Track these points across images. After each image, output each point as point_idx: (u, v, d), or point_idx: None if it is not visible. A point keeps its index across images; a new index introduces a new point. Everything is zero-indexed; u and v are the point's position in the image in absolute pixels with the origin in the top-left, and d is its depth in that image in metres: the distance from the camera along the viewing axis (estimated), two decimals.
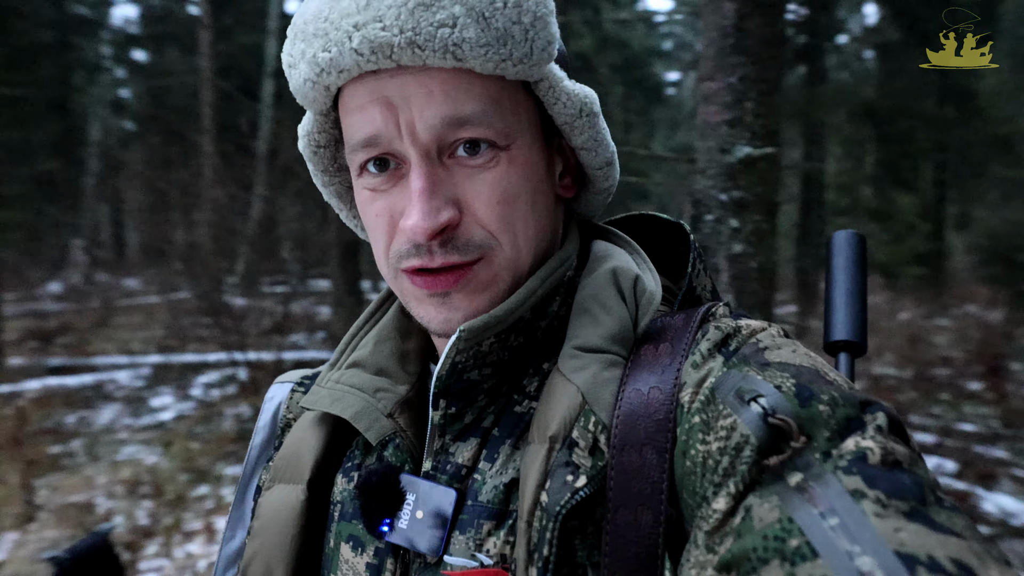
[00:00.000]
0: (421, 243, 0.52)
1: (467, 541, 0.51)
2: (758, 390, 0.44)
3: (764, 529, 0.38)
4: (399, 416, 0.60)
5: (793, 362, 0.47)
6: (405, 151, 0.52)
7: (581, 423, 0.49)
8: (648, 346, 0.53)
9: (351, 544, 0.58)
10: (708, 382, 0.48)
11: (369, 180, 0.55)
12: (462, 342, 0.52)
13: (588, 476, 0.47)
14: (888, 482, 0.38)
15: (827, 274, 0.70)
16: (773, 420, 0.42)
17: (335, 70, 0.51)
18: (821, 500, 0.38)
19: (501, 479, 0.52)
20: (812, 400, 0.43)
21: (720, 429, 0.44)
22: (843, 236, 0.71)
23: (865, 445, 0.40)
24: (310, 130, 0.60)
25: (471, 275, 0.54)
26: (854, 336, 0.67)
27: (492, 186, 0.53)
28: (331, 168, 0.63)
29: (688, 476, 0.45)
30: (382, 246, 0.56)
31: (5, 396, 6.30)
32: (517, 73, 0.52)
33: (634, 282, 0.57)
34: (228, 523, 0.69)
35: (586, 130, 0.59)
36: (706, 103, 2.36)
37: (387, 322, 0.66)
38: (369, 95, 0.52)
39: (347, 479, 0.61)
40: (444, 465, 0.56)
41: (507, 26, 0.49)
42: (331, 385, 0.63)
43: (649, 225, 0.69)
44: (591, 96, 0.58)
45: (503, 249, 0.54)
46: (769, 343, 0.50)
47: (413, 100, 0.51)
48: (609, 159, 0.63)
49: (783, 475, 0.40)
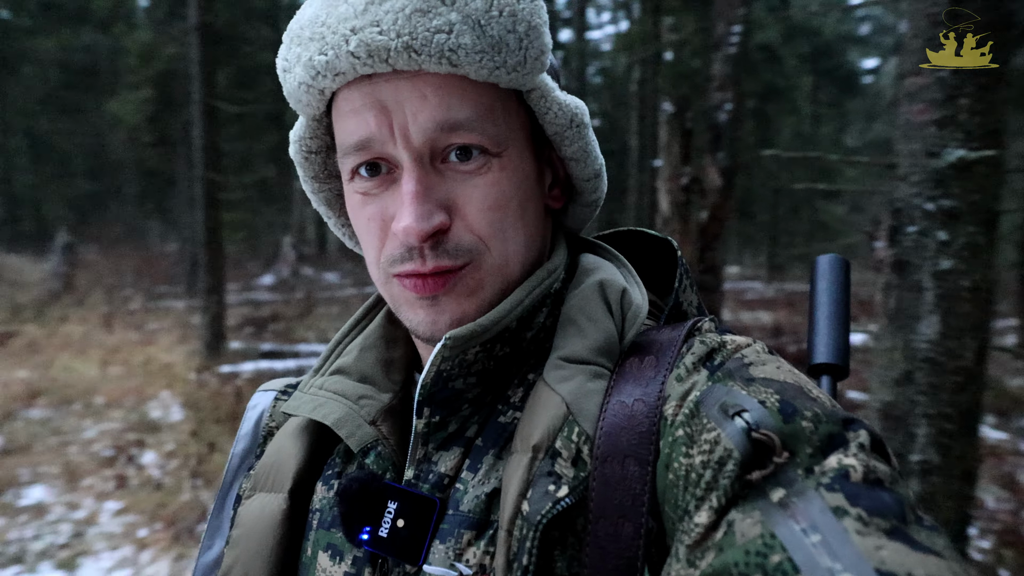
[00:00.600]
0: (413, 246, 0.52)
1: (447, 550, 0.51)
2: (742, 405, 0.45)
3: (746, 544, 0.38)
4: (382, 424, 0.59)
5: (777, 378, 0.47)
6: (397, 155, 0.53)
7: (564, 433, 0.49)
8: (633, 359, 0.53)
9: (329, 553, 0.57)
10: (692, 395, 0.48)
11: (360, 184, 0.55)
12: (447, 350, 0.52)
13: (570, 486, 0.47)
14: (870, 500, 0.38)
15: (810, 298, 0.72)
16: (756, 435, 0.42)
17: (331, 73, 0.51)
18: (803, 516, 0.38)
19: (483, 489, 0.52)
20: (795, 416, 0.43)
21: (704, 443, 0.44)
22: (827, 260, 0.73)
23: (848, 463, 0.40)
24: (302, 135, 0.61)
25: (458, 279, 0.54)
26: (836, 359, 0.67)
27: (483, 192, 0.53)
28: (321, 175, 0.63)
29: (670, 489, 0.45)
30: (374, 251, 0.56)
31: (226, 375, 7.25)
32: (510, 81, 0.53)
33: (621, 295, 0.57)
34: (206, 532, 0.69)
35: (576, 140, 0.59)
36: (910, 100, 2.12)
37: (372, 330, 0.66)
38: (363, 99, 0.52)
39: (327, 487, 0.60)
40: (426, 474, 0.55)
41: (502, 34, 0.50)
42: (314, 391, 0.62)
43: (637, 241, 0.69)
44: (581, 107, 0.59)
45: (491, 255, 0.54)
46: (754, 359, 0.50)
47: (407, 104, 0.51)
48: (597, 171, 0.63)
49: (766, 490, 0.41)
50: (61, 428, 5.82)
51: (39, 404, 6.47)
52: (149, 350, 8.71)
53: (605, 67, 26.31)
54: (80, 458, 5.13)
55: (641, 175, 13.41)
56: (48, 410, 6.30)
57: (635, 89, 15.05)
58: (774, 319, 10.73)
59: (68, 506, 4.39)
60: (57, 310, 11.48)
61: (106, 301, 11.93)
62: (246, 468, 0.68)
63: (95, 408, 6.42)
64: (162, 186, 22.24)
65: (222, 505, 0.68)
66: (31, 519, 4.21)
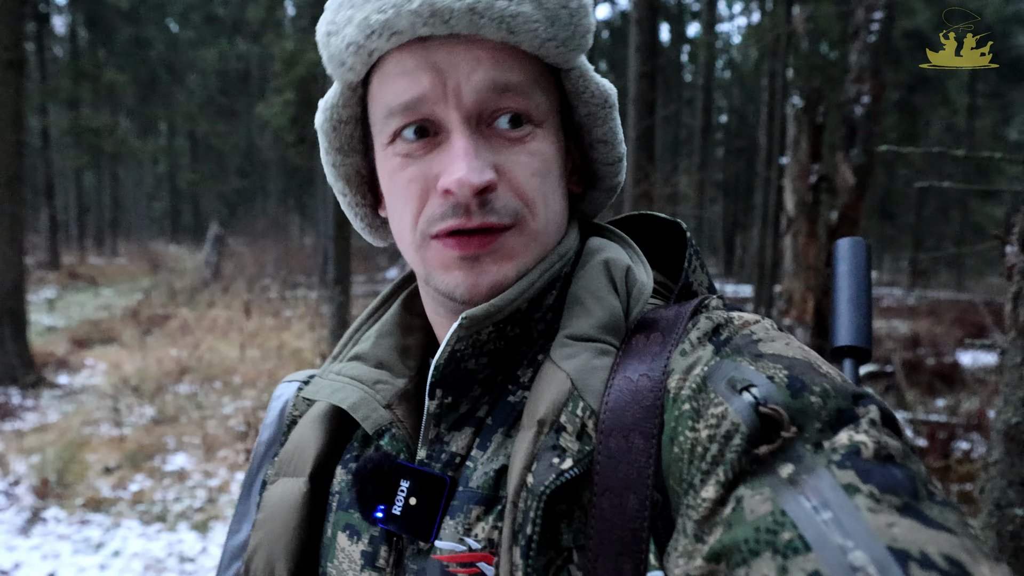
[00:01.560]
0: (462, 202, 0.52)
1: (456, 526, 0.52)
2: (750, 380, 0.44)
3: (756, 521, 0.38)
4: (397, 407, 0.60)
5: (786, 354, 0.47)
6: (447, 117, 0.53)
7: (569, 408, 0.49)
8: (639, 336, 0.53)
9: (347, 532, 0.59)
10: (698, 370, 0.47)
11: (403, 146, 0.55)
12: (463, 329, 0.53)
13: (574, 459, 0.47)
14: (881, 476, 0.37)
15: (832, 281, 0.72)
16: (764, 409, 0.42)
17: (388, 32, 0.51)
18: (814, 493, 0.37)
19: (492, 465, 0.53)
20: (804, 391, 0.43)
21: (710, 417, 0.44)
22: (847, 243, 0.73)
23: (859, 439, 0.39)
24: (334, 103, 0.60)
25: (501, 241, 0.54)
26: (859, 341, 0.67)
27: (528, 159, 0.54)
28: (346, 146, 0.62)
29: (675, 463, 0.45)
30: (411, 213, 0.56)
31: None
32: (557, 56, 0.55)
33: (625, 273, 0.57)
34: (234, 517, 0.71)
35: (608, 121, 0.61)
36: None
37: (389, 318, 0.67)
38: (416, 61, 0.52)
39: (346, 470, 0.62)
40: (438, 454, 0.56)
41: (557, 9, 0.53)
42: (332, 377, 0.64)
43: (648, 224, 0.69)
44: (613, 90, 0.61)
45: (535, 219, 0.55)
46: (763, 335, 0.50)
47: (462, 65, 0.52)
48: (620, 156, 0.64)
49: (774, 466, 0.40)
50: (203, 403, 6.42)
51: (186, 380, 7.17)
52: (283, 336, 9.40)
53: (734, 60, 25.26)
54: (217, 431, 5.63)
55: (768, 173, 12.78)
56: (194, 386, 6.98)
57: (765, 83, 14.35)
58: (912, 329, 9.87)
59: (205, 474, 4.84)
60: (206, 296, 12.65)
61: (248, 289, 12.99)
62: (271, 456, 0.71)
63: (233, 387, 7.02)
64: (302, 183, 23.88)
65: (249, 491, 0.71)
66: (173, 483, 4.69)
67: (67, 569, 3.52)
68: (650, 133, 7.31)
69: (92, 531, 3.97)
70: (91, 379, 7.35)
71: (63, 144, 19.67)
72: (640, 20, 7.09)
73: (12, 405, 6.24)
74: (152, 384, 6.85)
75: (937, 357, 7.64)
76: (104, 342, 9.15)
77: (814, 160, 6.12)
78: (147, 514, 4.22)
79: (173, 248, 25.74)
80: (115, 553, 3.71)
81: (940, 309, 12.16)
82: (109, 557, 3.67)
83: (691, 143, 22.09)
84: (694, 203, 16.79)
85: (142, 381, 6.91)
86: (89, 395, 6.68)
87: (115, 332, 9.63)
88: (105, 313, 11.34)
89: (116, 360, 8.03)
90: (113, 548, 3.77)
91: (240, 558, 0.69)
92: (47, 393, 6.75)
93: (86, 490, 4.54)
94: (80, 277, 15.74)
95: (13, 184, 6.82)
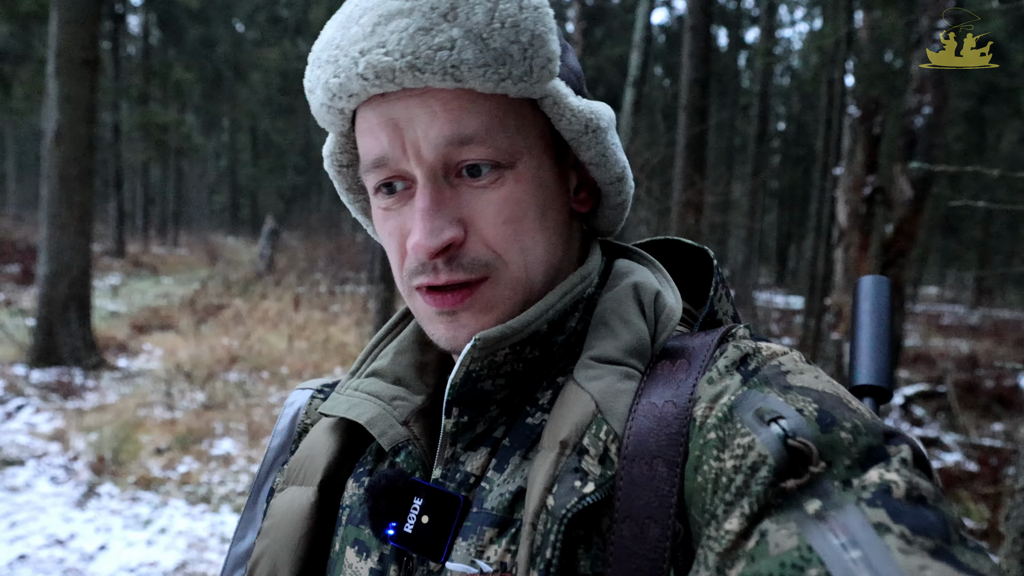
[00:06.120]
0: (426, 261, 0.54)
1: (469, 547, 0.51)
2: (779, 411, 0.43)
3: (781, 556, 0.37)
4: (413, 424, 0.60)
5: (816, 387, 0.46)
6: (412, 171, 0.54)
7: (592, 431, 0.49)
8: (665, 362, 0.53)
9: (356, 548, 0.58)
10: (724, 399, 0.47)
11: (382, 200, 0.57)
12: (476, 351, 0.53)
13: (596, 483, 0.46)
14: (914, 517, 0.36)
15: (853, 319, 0.71)
16: (793, 442, 0.41)
17: (345, 94, 0.53)
18: (842, 530, 0.36)
19: (508, 487, 0.52)
20: (834, 426, 0.42)
21: (736, 447, 0.43)
22: (870, 281, 0.72)
23: (890, 478, 0.39)
24: (333, 150, 0.63)
25: (477, 295, 0.54)
26: (879, 381, 0.66)
27: (497, 205, 0.53)
28: (354, 187, 0.65)
29: (698, 492, 0.44)
30: (396, 264, 0.58)
31: None
32: (519, 91, 0.53)
33: (654, 297, 0.57)
34: (240, 523, 0.70)
35: (593, 146, 0.58)
36: None
37: (407, 334, 0.67)
38: (377, 117, 0.53)
39: (358, 484, 0.61)
40: (453, 473, 0.56)
41: (505, 46, 0.50)
42: (350, 392, 0.64)
43: (673, 250, 0.68)
44: (598, 112, 0.58)
45: (509, 269, 0.55)
46: (792, 367, 0.49)
47: (417, 120, 0.52)
48: (620, 174, 0.62)
49: (800, 501, 0.39)
50: (251, 391, 6.63)
51: (236, 368, 7.41)
52: (330, 329, 9.63)
53: (793, 67, 24.67)
54: (263, 420, 5.82)
55: (824, 183, 12.45)
56: (242, 374, 7.21)
57: (824, 91, 13.99)
58: (972, 349, 9.48)
59: (248, 459, 5.01)
60: (259, 288, 13.04)
61: (299, 282, 13.35)
62: (280, 463, 0.70)
63: (280, 377, 7.24)
64: None
65: (256, 498, 0.70)
66: (219, 467, 4.86)
67: (117, 543, 3.70)
68: (701, 140, 7.23)
69: (142, 508, 4.16)
70: (148, 363, 7.67)
71: (132, 138, 20.55)
72: (694, 27, 7.03)
73: (75, 385, 6.57)
74: (204, 371, 7.11)
75: (997, 379, 7.33)
76: (162, 328, 9.53)
77: (869, 171, 5.96)
78: (193, 495, 4.40)
79: (231, 241, 26.62)
80: (162, 530, 3.89)
81: (1005, 329, 11.63)
82: (156, 534, 3.84)
83: (746, 151, 21.67)
84: (746, 211, 16.47)
85: (195, 367, 7.18)
86: (145, 379, 6.98)
87: (172, 319, 10.03)
88: (164, 301, 11.81)
89: (172, 346, 8.36)
90: (160, 525, 3.95)
91: (243, 565, 0.68)
92: (107, 375, 7.08)
93: (138, 469, 4.75)
94: (143, 265, 16.43)
95: (85, 177, 7.17)
